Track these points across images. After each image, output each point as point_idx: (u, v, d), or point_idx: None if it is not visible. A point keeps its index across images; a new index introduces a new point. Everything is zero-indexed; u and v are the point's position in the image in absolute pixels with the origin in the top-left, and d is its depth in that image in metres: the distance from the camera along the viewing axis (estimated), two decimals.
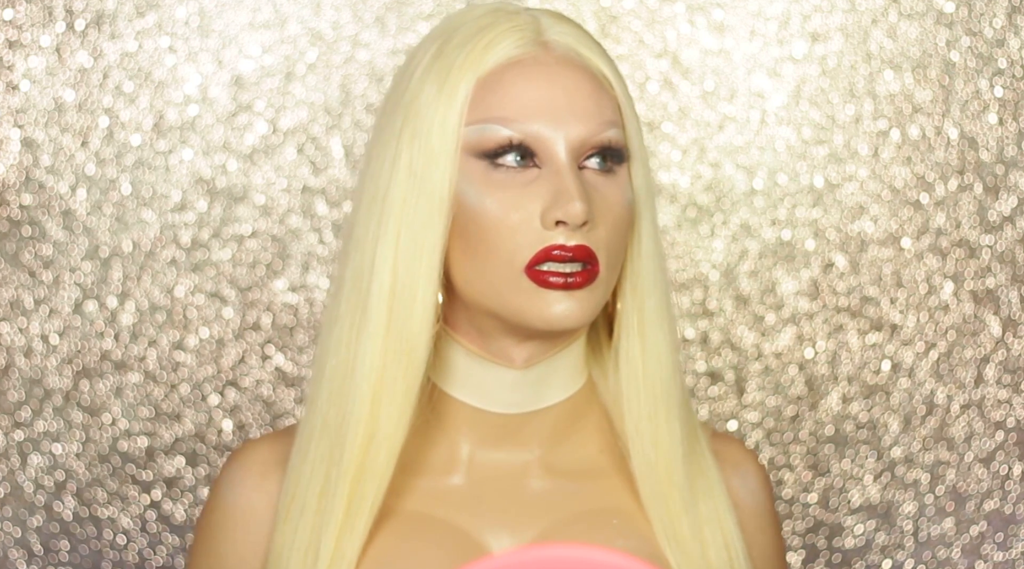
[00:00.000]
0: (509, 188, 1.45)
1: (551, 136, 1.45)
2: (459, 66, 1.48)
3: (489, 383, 1.51)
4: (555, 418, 1.52)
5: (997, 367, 2.20)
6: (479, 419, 1.51)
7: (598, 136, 1.46)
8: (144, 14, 2.18)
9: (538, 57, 1.48)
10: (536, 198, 1.44)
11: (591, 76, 1.48)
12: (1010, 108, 2.20)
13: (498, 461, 1.52)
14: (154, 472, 2.17)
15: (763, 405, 2.20)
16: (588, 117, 1.46)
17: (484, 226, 1.45)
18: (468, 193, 1.46)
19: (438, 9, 2.18)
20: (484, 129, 1.46)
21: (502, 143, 1.45)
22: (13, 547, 2.17)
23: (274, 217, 2.18)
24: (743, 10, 2.19)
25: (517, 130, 1.45)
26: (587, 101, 1.46)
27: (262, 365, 2.18)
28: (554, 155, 1.45)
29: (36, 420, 2.17)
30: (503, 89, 1.47)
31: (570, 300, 1.44)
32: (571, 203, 1.42)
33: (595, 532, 1.49)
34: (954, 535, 2.20)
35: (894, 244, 2.20)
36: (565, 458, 1.53)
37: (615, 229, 1.46)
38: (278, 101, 2.18)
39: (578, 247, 1.43)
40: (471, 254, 1.46)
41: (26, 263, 2.17)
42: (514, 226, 1.44)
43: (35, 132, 2.17)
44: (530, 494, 1.51)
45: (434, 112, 1.47)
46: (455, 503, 1.50)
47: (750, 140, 2.19)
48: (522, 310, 1.45)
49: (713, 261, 2.20)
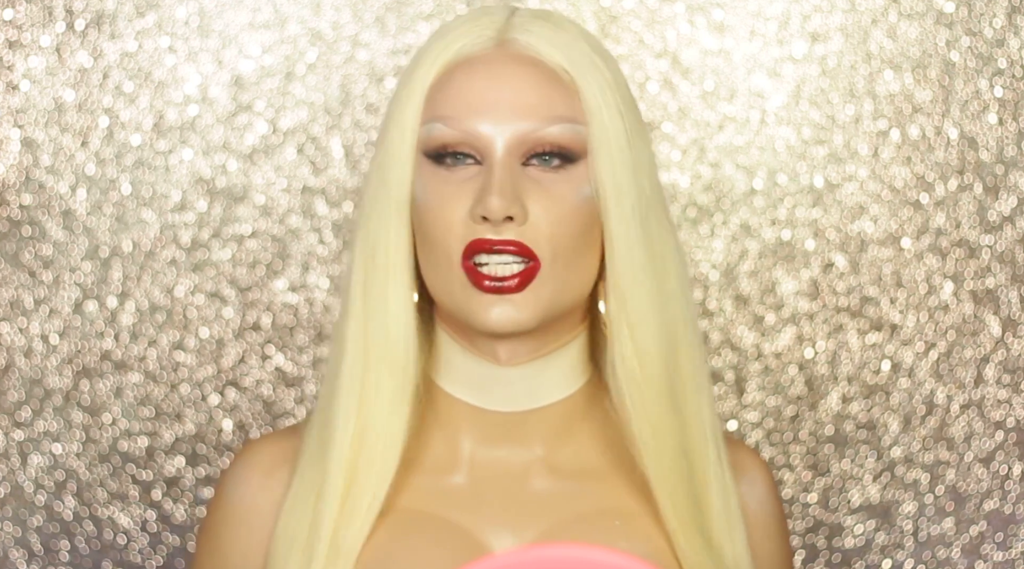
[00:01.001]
0: (448, 185, 1.46)
1: (489, 133, 1.45)
2: (418, 67, 1.49)
3: (482, 380, 1.51)
4: (555, 417, 1.52)
5: (997, 367, 2.20)
6: (478, 417, 1.51)
7: (540, 132, 1.45)
8: (144, 14, 2.18)
9: (489, 55, 1.47)
10: (468, 194, 1.45)
11: (544, 72, 1.47)
12: (1010, 108, 2.20)
13: (500, 459, 1.52)
14: (154, 472, 2.17)
15: (763, 405, 2.20)
16: (531, 113, 1.45)
17: (427, 222, 1.46)
18: (417, 192, 1.47)
19: (438, 9, 2.18)
20: (430, 128, 1.47)
21: (440, 143, 1.46)
22: (13, 547, 2.17)
23: (274, 217, 2.18)
24: (743, 10, 2.19)
25: (456, 128, 1.45)
26: (532, 97, 1.46)
27: (262, 365, 2.18)
28: (491, 152, 1.45)
29: (36, 420, 2.17)
30: (449, 88, 1.47)
31: (506, 304, 1.44)
32: (490, 197, 1.43)
33: (596, 533, 1.48)
34: (954, 535, 2.20)
35: (894, 244, 2.20)
36: (568, 458, 1.52)
37: (562, 225, 1.45)
38: (278, 101, 2.18)
39: (505, 241, 1.44)
40: (424, 252, 1.48)
41: (26, 263, 2.17)
42: (448, 221, 1.45)
43: (35, 132, 2.17)
44: (532, 494, 1.51)
45: (398, 113, 1.49)
46: (456, 502, 1.50)
47: (750, 140, 2.19)
48: (464, 311, 1.46)
49: (713, 261, 2.20)
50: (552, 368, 1.51)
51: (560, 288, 1.46)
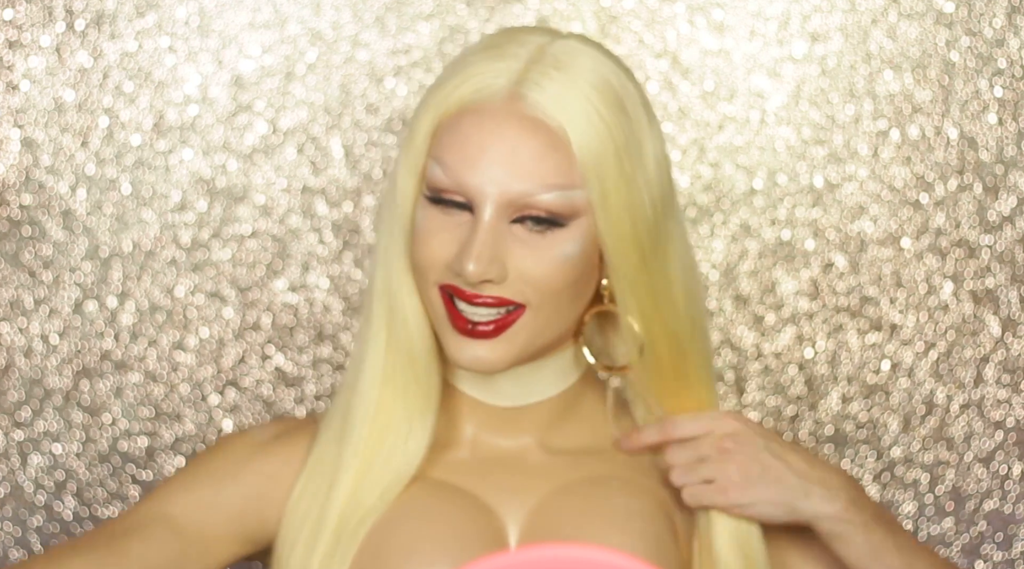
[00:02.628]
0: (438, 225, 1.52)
1: (482, 190, 1.49)
2: (427, 105, 1.55)
3: (485, 380, 1.60)
4: (550, 408, 1.61)
5: (997, 367, 2.20)
6: (479, 408, 1.61)
7: (532, 197, 1.49)
8: (144, 14, 2.18)
9: (497, 108, 1.50)
10: (454, 240, 1.51)
11: (547, 136, 1.50)
12: (1010, 108, 2.20)
13: (499, 444, 1.61)
14: (154, 472, 2.17)
15: (763, 405, 2.20)
16: (526, 178, 1.49)
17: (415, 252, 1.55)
18: (415, 218, 1.54)
19: (438, 9, 2.18)
20: (430, 168, 1.53)
21: (439, 186, 1.52)
22: (13, 547, 2.17)
23: (274, 217, 2.18)
24: (743, 10, 2.19)
25: (452, 178, 1.50)
26: (529, 162, 1.49)
27: (262, 365, 2.18)
28: (481, 208, 1.49)
29: (36, 420, 2.17)
30: (453, 133, 1.52)
31: (479, 348, 1.51)
32: (466, 262, 1.48)
33: (596, 490, 1.57)
34: (954, 535, 2.20)
35: (894, 244, 2.20)
36: (563, 440, 1.62)
37: (545, 280, 1.50)
38: (278, 101, 2.18)
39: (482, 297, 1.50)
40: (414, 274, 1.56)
41: (26, 263, 2.17)
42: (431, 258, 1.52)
43: (35, 132, 2.17)
44: (530, 466, 1.60)
45: (411, 139, 1.55)
46: (462, 471, 1.59)
47: (750, 140, 2.19)
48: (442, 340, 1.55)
49: (713, 261, 2.20)
50: (544, 370, 1.60)
51: (540, 331, 1.53)
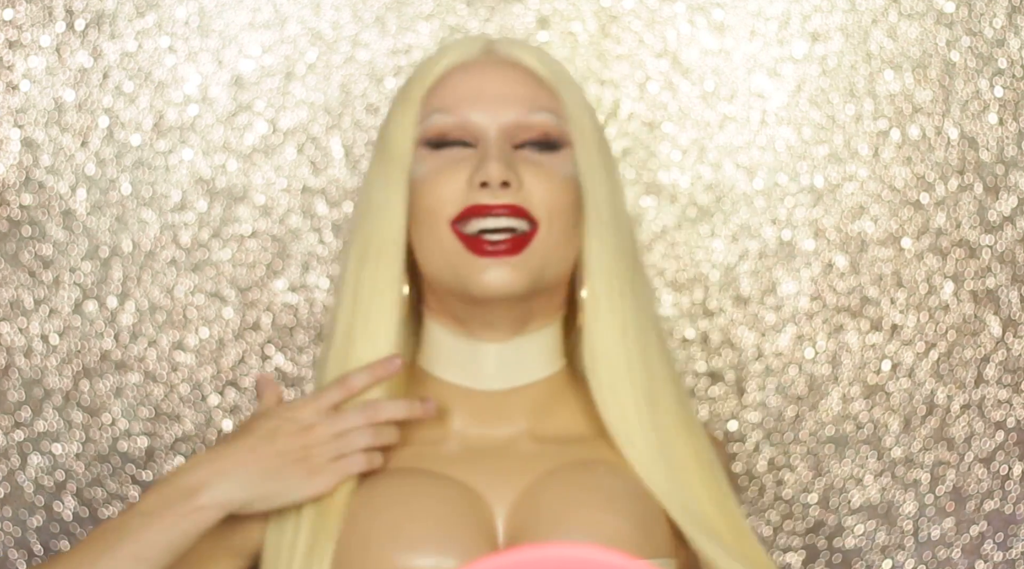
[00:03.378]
0: (448, 163, 1.62)
1: (484, 121, 1.63)
2: (414, 81, 1.68)
3: (471, 361, 1.65)
4: (537, 394, 1.65)
5: (997, 367, 2.20)
6: (466, 397, 1.65)
7: (528, 118, 1.63)
8: (144, 14, 2.18)
9: (477, 60, 1.68)
10: (464, 169, 1.61)
11: (527, 73, 1.68)
12: (1010, 108, 2.20)
13: (488, 434, 1.64)
14: (154, 472, 2.17)
15: (763, 405, 2.20)
16: (518, 103, 1.64)
17: (423, 195, 1.62)
18: (416, 171, 1.64)
19: (438, 9, 2.18)
20: (428, 120, 1.65)
21: (441, 129, 1.64)
22: (13, 547, 2.17)
23: (274, 217, 2.18)
24: (743, 10, 2.19)
25: (453, 115, 1.64)
26: (519, 90, 1.65)
27: (262, 365, 2.18)
28: (486, 136, 1.63)
29: (36, 420, 2.17)
30: (445, 86, 1.66)
31: (502, 267, 1.59)
32: (489, 164, 1.58)
33: (583, 474, 1.60)
34: (954, 535, 2.20)
35: (894, 244, 2.20)
36: (550, 429, 1.65)
37: (555, 193, 1.61)
38: (278, 101, 2.18)
39: (503, 205, 1.59)
40: (417, 228, 1.64)
41: (26, 263, 2.17)
42: (442, 191, 1.61)
43: (35, 132, 2.17)
44: (519, 453, 1.63)
45: (395, 124, 1.67)
46: (452, 462, 1.62)
47: (750, 140, 2.19)
48: (460, 277, 1.60)
49: (713, 261, 2.20)
50: (533, 346, 1.64)
51: (549, 257, 1.61)
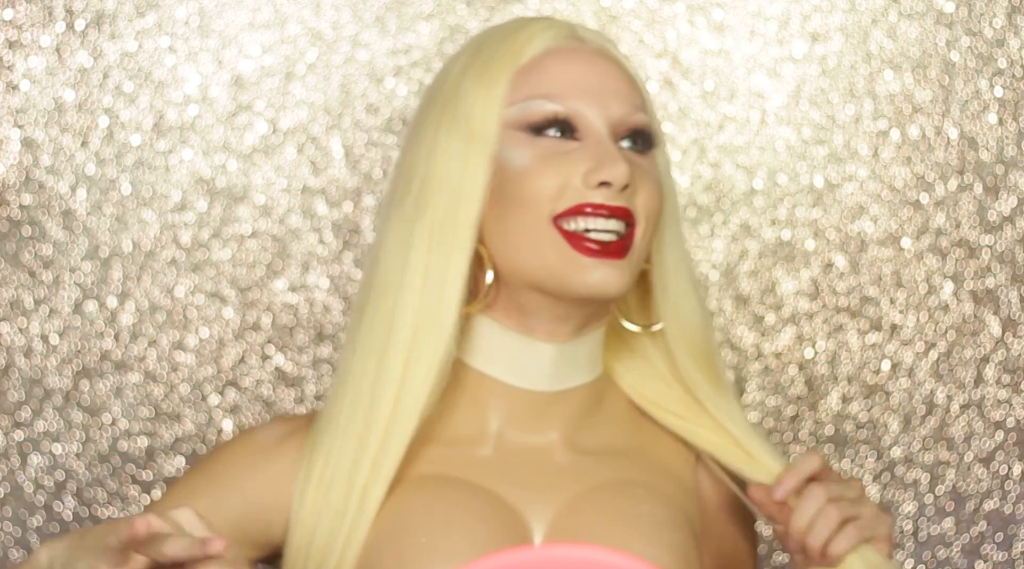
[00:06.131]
0: (552, 153, 1.54)
1: (592, 112, 1.55)
2: (500, 57, 1.58)
3: (526, 359, 1.57)
4: (580, 399, 1.59)
5: (997, 367, 2.20)
6: (510, 396, 1.57)
7: (632, 117, 1.56)
8: (144, 14, 2.18)
9: (575, 47, 1.58)
10: (578, 163, 1.53)
11: (625, 68, 1.60)
12: (1010, 108, 2.20)
13: (525, 440, 1.58)
14: (154, 472, 2.17)
15: (763, 405, 2.20)
16: (623, 99, 1.56)
17: (523, 184, 1.53)
18: (510, 157, 1.54)
19: (438, 9, 2.18)
20: (529, 105, 1.55)
21: (547, 116, 1.55)
22: (13, 547, 2.17)
23: (274, 217, 2.18)
24: (743, 10, 2.19)
25: (561, 104, 1.55)
26: (621, 86, 1.57)
27: (262, 365, 2.18)
28: (594, 130, 1.55)
29: (36, 420, 2.17)
30: (545, 71, 1.57)
31: (608, 268, 1.52)
32: (616, 165, 1.52)
33: (623, 496, 1.55)
34: (954, 535, 2.20)
35: (894, 244, 2.20)
36: (588, 439, 1.60)
37: (653, 198, 1.55)
38: (278, 101, 2.18)
39: (618, 207, 1.52)
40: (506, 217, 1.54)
41: (26, 263, 2.17)
42: (546, 185, 1.53)
43: (35, 132, 2.17)
44: (557, 466, 1.57)
45: (475, 97, 1.56)
46: (484, 470, 1.56)
47: (750, 140, 2.19)
48: (558, 274, 1.52)
49: (713, 261, 2.20)
50: (585, 347, 1.58)
51: (641, 258, 1.56)
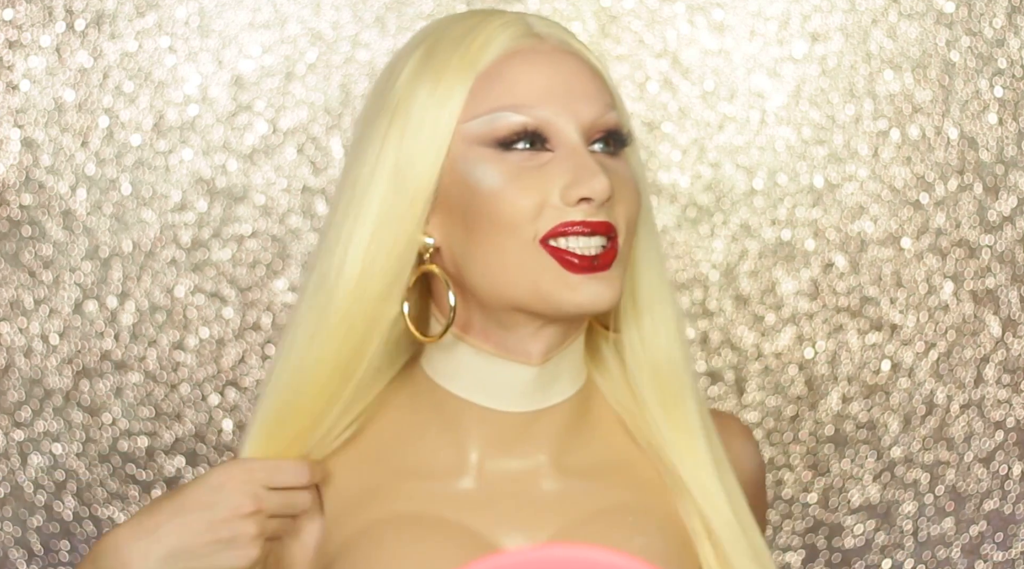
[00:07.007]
0: (524, 170, 1.45)
1: (562, 120, 1.46)
2: (455, 65, 1.47)
3: (503, 382, 1.50)
4: (562, 416, 1.51)
5: (997, 367, 2.20)
6: (488, 419, 1.50)
7: (603, 118, 1.47)
8: (144, 14, 2.18)
9: (534, 46, 1.48)
10: (554, 177, 1.45)
11: (586, 63, 1.49)
12: (1010, 108, 2.20)
13: (509, 463, 1.51)
14: (154, 472, 2.17)
15: (763, 405, 2.20)
16: (592, 100, 1.47)
17: (497, 205, 1.44)
18: (479, 177, 1.45)
19: (438, 9, 2.18)
20: (495, 118, 1.46)
21: (515, 129, 1.45)
22: (13, 547, 2.17)
23: (274, 217, 2.18)
24: (743, 10, 2.19)
25: (529, 115, 1.45)
26: (588, 85, 1.47)
27: (262, 365, 2.18)
28: (567, 138, 1.46)
29: (36, 420, 2.17)
30: (507, 78, 1.47)
31: (598, 282, 1.44)
32: (595, 178, 1.43)
33: (612, 531, 1.49)
34: (954, 535, 2.20)
35: (894, 244, 2.20)
36: (574, 458, 1.52)
37: (631, 204, 1.47)
38: (278, 101, 2.18)
39: (600, 222, 1.44)
40: (481, 241, 1.46)
41: (26, 263, 2.17)
42: (531, 206, 1.44)
43: (35, 132, 2.17)
44: (542, 495, 1.50)
45: (425, 111, 1.47)
46: (466, 505, 1.49)
47: (750, 140, 2.19)
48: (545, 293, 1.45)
49: (713, 261, 2.20)
50: (566, 362, 1.51)
51: (625, 263, 1.48)
